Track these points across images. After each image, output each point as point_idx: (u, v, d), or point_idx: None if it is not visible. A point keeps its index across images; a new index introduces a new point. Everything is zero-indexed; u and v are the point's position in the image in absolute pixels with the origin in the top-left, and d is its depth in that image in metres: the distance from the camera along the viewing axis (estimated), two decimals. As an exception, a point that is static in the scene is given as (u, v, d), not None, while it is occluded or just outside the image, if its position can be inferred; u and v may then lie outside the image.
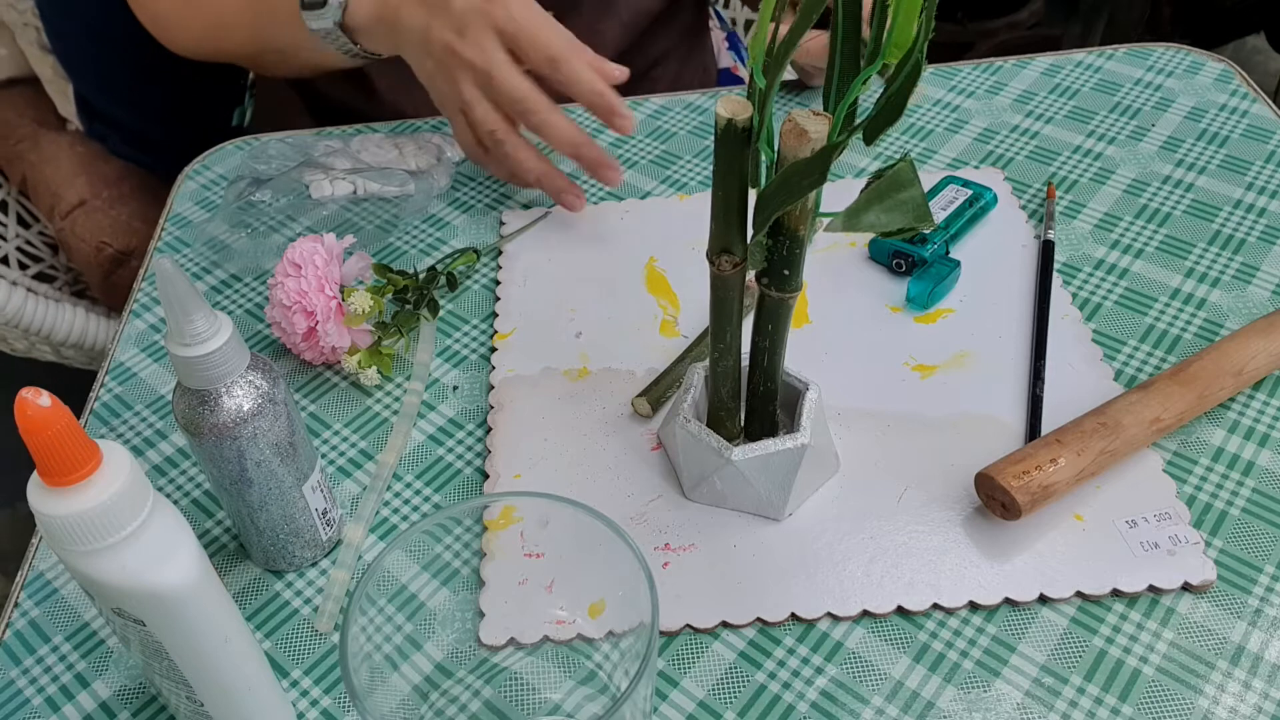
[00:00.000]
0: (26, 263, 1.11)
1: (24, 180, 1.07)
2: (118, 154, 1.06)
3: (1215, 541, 0.51)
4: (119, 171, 1.05)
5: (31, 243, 1.12)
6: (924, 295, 0.62)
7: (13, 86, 1.09)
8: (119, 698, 0.49)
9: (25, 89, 1.08)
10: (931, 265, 0.63)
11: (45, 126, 1.07)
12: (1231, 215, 0.68)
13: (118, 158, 1.06)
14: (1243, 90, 0.78)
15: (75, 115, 1.05)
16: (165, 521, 0.38)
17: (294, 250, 0.59)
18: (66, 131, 1.07)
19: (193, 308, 0.42)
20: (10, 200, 1.11)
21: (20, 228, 1.12)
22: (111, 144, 1.06)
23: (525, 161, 0.66)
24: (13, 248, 1.10)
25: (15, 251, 1.10)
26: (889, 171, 0.40)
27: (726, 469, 0.51)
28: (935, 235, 0.65)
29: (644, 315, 0.64)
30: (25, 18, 1.01)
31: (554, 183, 0.68)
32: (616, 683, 0.46)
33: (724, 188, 0.42)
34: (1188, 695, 0.45)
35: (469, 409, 0.60)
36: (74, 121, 1.06)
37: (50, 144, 1.06)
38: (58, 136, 1.07)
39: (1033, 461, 0.50)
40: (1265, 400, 0.57)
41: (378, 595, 0.41)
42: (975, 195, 0.67)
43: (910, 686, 0.46)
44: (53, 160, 1.05)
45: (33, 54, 1.04)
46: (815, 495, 0.53)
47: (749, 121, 0.39)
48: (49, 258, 1.13)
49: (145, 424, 0.61)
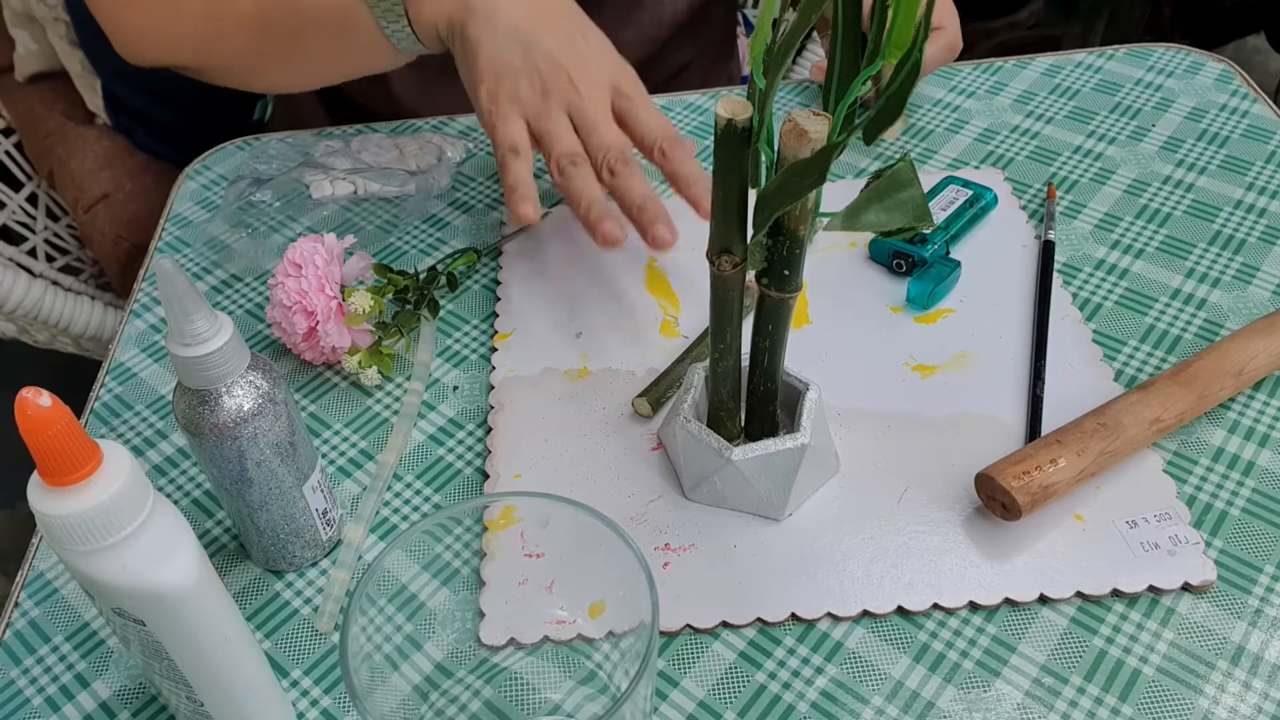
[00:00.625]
0: (54, 255, 1.12)
1: (52, 173, 1.08)
2: (143, 148, 1.07)
3: (1215, 542, 0.51)
4: (142, 165, 1.06)
5: (60, 235, 1.14)
6: (924, 296, 0.62)
7: (42, 81, 1.10)
8: (119, 698, 0.49)
9: (55, 83, 1.09)
10: (931, 265, 0.63)
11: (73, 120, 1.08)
12: (1232, 215, 0.68)
13: (143, 152, 1.07)
14: (1243, 90, 0.78)
15: (103, 109, 1.06)
16: (165, 521, 0.38)
17: (294, 250, 0.59)
18: (94, 126, 1.08)
19: (193, 308, 0.42)
20: (39, 193, 1.12)
21: (49, 220, 1.13)
22: (137, 138, 1.07)
23: (589, 191, 0.60)
24: (41, 240, 1.11)
25: (44, 244, 1.11)
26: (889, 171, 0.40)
27: (726, 469, 0.51)
28: (935, 235, 0.65)
29: (644, 315, 0.64)
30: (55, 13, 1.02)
31: (600, 212, 0.60)
32: (616, 683, 0.46)
33: (724, 188, 0.42)
34: (1188, 695, 0.45)
35: (469, 409, 0.60)
36: (101, 116, 1.07)
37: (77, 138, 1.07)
38: (85, 130, 1.07)
39: (1033, 462, 0.50)
40: (1265, 400, 0.57)
41: (378, 595, 0.41)
42: (975, 195, 0.67)
43: (910, 686, 0.46)
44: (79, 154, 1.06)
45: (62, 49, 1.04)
46: (815, 495, 0.53)
47: (749, 121, 0.39)
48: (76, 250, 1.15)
49: (145, 424, 0.61)
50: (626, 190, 0.60)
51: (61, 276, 1.08)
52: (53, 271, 1.09)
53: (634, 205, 0.60)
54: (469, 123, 0.82)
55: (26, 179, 1.11)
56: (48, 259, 1.11)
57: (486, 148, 0.79)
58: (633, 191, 0.60)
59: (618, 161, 0.60)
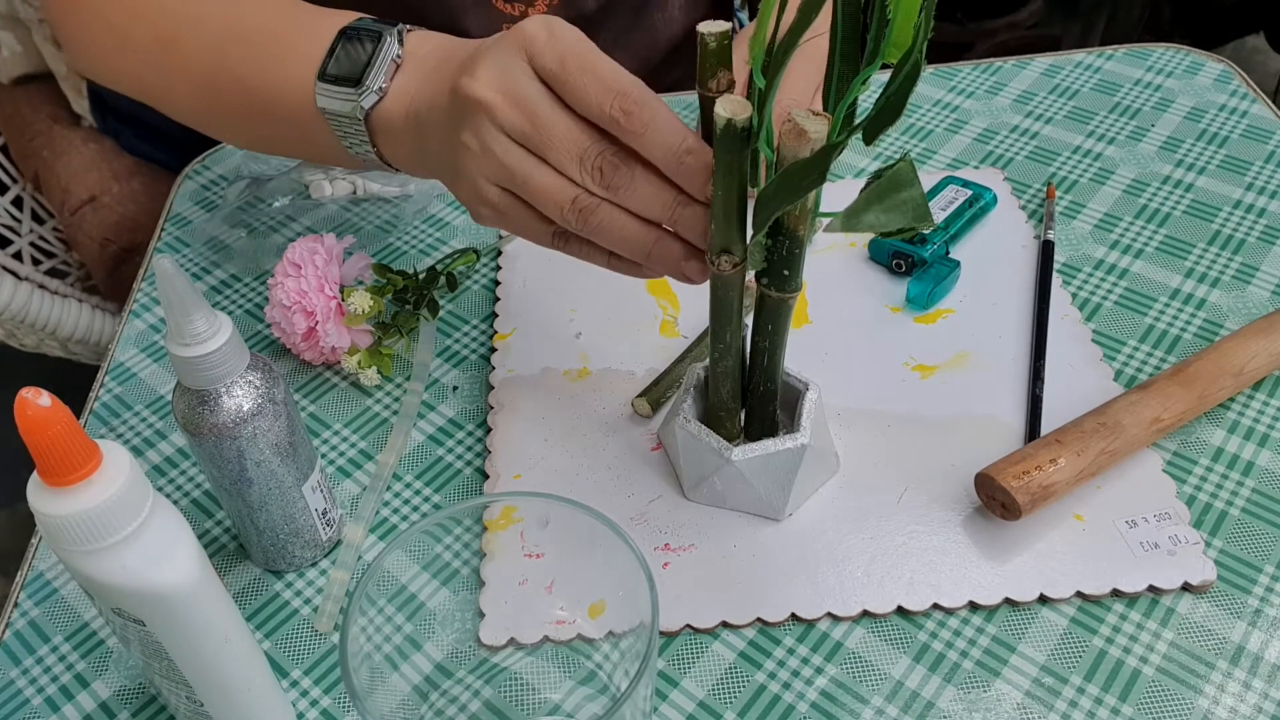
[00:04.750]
0: (40, 258, 1.12)
1: (37, 176, 1.08)
2: (130, 150, 1.07)
3: (1215, 542, 0.51)
4: (130, 168, 1.06)
5: (45, 238, 1.13)
6: (924, 296, 0.62)
7: (28, 83, 1.09)
8: (119, 698, 0.49)
9: (40, 85, 1.09)
10: (931, 265, 0.63)
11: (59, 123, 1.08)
12: (1231, 215, 0.68)
13: (130, 154, 1.07)
14: (1242, 90, 0.78)
15: (89, 111, 1.06)
16: (165, 521, 0.38)
17: (294, 250, 0.59)
18: (80, 128, 1.08)
19: (193, 308, 0.42)
20: (25, 196, 1.12)
21: (34, 223, 1.12)
22: (124, 140, 1.07)
23: (626, 228, 0.46)
24: (26, 243, 1.11)
25: (29, 247, 1.11)
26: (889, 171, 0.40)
27: (726, 469, 0.51)
28: (935, 235, 0.65)
29: (644, 315, 0.64)
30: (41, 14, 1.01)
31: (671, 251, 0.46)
32: (616, 683, 0.46)
33: (724, 188, 0.42)
34: (1188, 695, 0.45)
35: (469, 409, 0.60)
36: (87, 118, 1.07)
37: (63, 140, 1.06)
38: (71, 133, 1.07)
39: (1033, 461, 0.50)
40: (1265, 400, 0.57)
41: (378, 595, 0.41)
42: (975, 195, 0.67)
43: (910, 686, 0.46)
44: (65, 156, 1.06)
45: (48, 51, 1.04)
46: (816, 495, 0.53)
47: (748, 121, 0.39)
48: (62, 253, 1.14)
49: (145, 424, 0.61)
50: (632, 195, 0.45)
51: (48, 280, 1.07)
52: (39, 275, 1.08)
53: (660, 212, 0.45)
54: (469, 123, 0.82)
55: (12, 182, 1.11)
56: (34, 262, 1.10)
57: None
58: (643, 202, 0.45)
59: (600, 163, 0.45)
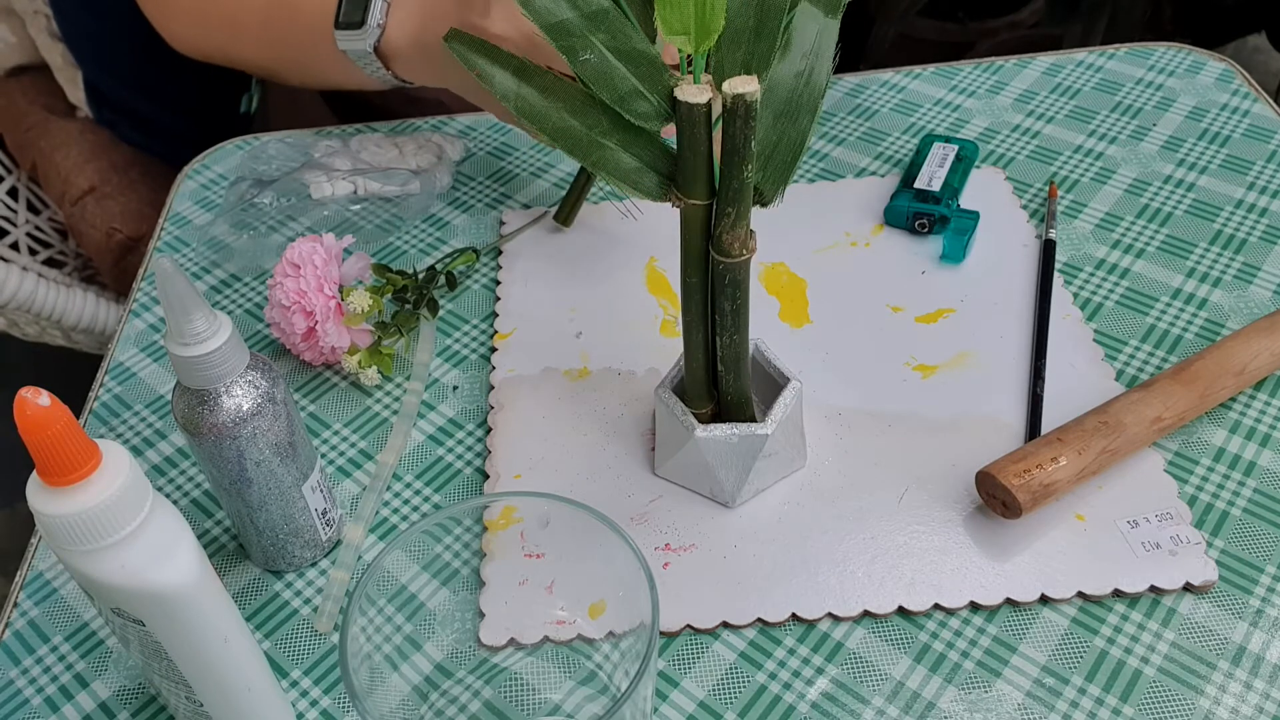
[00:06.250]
0: (36, 248, 1.12)
1: (34, 167, 1.08)
2: (127, 140, 1.07)
3: (1216, 542, 0.51)
4: (128, 158, 1.06)
5: (41, 228, 1.13)
6: (959, 248, 0.64)
7: (23, 74, 1.09)
8: (118, 698, 0.49)
9: (35, 76, 1.09)
10: (953, 220, 0.65)
11: (55, 114, 1.08)
12: (1233, 215, 0.68)
13: (127, 144, 1.07)
14: (1244, 90, 0.78)
15: (84, 102, 1.06)
16: (165, 521, 0.37)
17: (293, 250, 0.59)
18: (76, 119, 1.08)
19: (192, 307, 0.41)
20: (20, 186, 1.12)
21: (30, 214, 1.12)
22: (120, 130, 1.07)
23: None
24: (22, 234, 1.11)
25: (25, 237, 1.11)
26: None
27: (689, 444, 0.51)
28: (944, 192, 0.67)
29: (644, 315, 0.64)
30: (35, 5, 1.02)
31: None
32: (616, 683, 0.46)
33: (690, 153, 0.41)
34: (1189, 696, 0.45)
35: (469, 409, 0.60)
36: (83, 108, 1.07)
37: (60, 131, 1.07)
38: (67, 123, 1.07)
39: (1034, 460, 0.50)
40: (1267, 400, 0.57)
41: (378, 595, 0.41)
42: (959, 148, 0.71)
43: (911, 687, 0.46)
44: (62, 147, 1.06)
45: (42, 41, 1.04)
46: (815, 496, 0.53)
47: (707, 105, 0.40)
48: (58, 243, 1.14)
49: (145, 424, 0.61)
50: None
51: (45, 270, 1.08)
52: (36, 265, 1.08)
53: None
54: (469, 122, 0.82)
55: (7, 173, 1.11)
56: (30, 252, 1.11)
57: (486, 147, 0.79)
58: None
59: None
